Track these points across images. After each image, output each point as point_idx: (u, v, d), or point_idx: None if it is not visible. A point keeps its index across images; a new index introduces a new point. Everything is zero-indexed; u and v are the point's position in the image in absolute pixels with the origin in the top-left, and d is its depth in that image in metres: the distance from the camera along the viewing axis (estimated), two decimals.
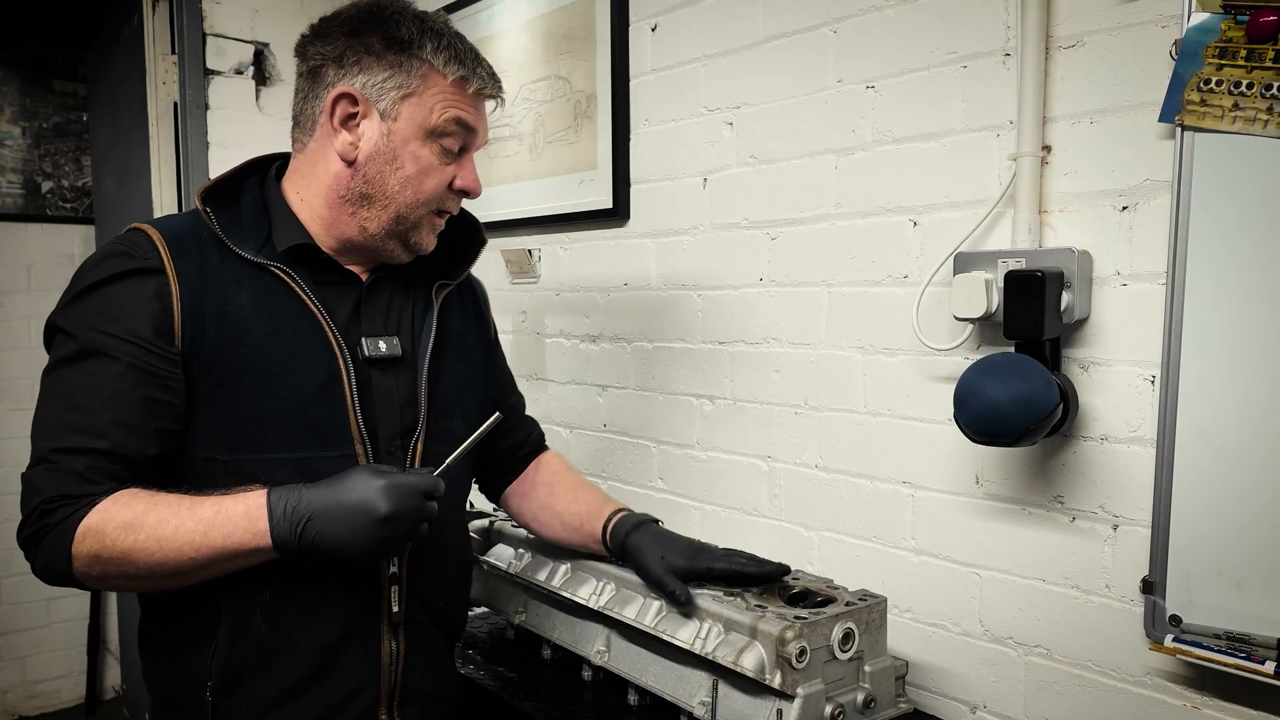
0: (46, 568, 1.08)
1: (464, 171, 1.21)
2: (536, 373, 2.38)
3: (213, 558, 1.05)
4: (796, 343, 1.74)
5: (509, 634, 1.69)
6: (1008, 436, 1.28)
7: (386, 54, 1.14)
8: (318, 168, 1.19)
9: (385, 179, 1.16)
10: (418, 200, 1.18)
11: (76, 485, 1.06)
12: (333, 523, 1.03)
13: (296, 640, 1.17)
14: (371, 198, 1.17)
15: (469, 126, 1.19)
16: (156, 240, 1.12)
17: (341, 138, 1.16)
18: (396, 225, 1.19)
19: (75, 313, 1.09)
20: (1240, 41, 1.14)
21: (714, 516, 1.93)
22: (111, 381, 1.07)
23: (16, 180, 3.73)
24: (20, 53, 3.71)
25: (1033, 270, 1.30)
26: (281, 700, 1.17)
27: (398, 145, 1.16)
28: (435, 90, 1.15)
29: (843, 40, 1.62)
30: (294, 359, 1.15)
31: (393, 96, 1.14)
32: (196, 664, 1.16)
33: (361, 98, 1.14)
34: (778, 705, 1.21)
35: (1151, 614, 1.26)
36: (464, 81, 1.17)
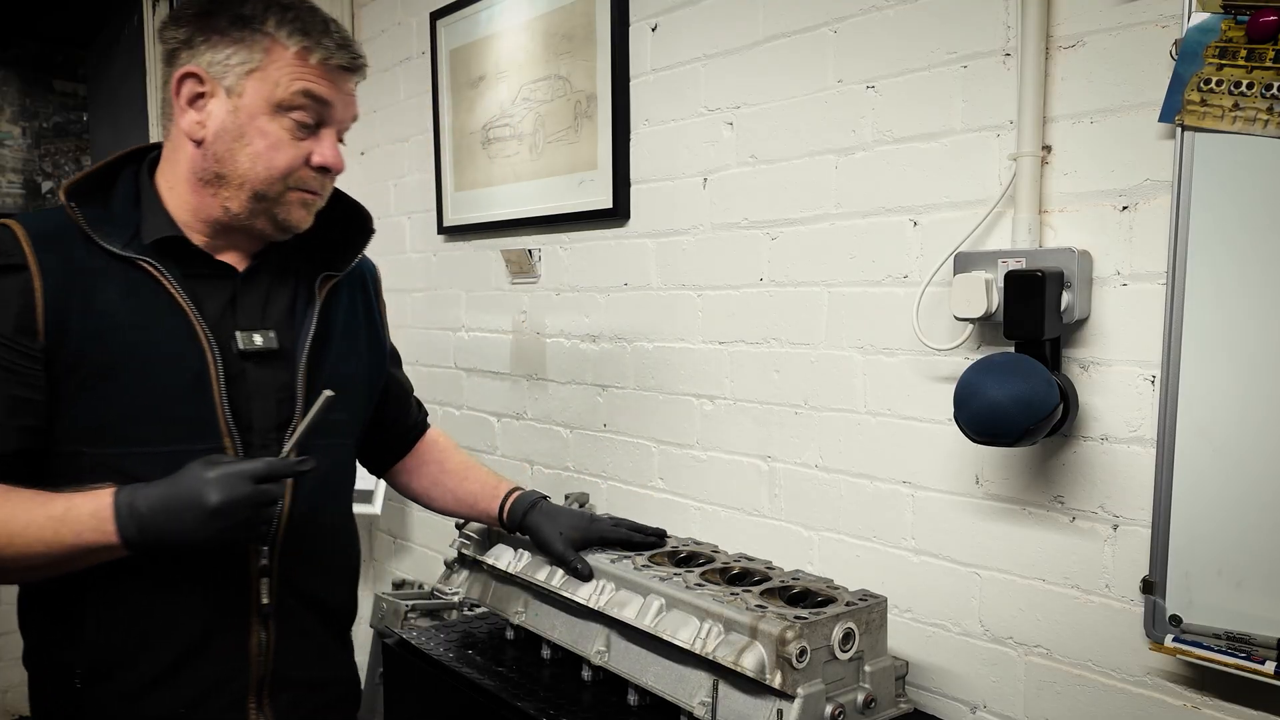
0: None
1: (322, 146, 1.18)
2: (536, 373, 2.38)
3: (65, 554, 1.06)
4: (796, 343, 1.74)
5: (509, 634, 1.69)
6: (1008, 436, 1.28)
7: (230, 31, 1.13)
8: (178, 153, 1.19)
9: (235, 156, 1.15)
10: (270, 176, 1.16)
11: None
12: (169, 519, 1.04)
13: (163, 631, 1.18)
14: (225, 177, 1.16)
15: (320, 99, 1.16)
16: (20, 236, 1.11)
17: (189, 117, 1.15)
18: (257, 203, 1.17)
19: None
20: (1240, 41, 1.14)
21: (714, 516, 1.93)
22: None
23: (16, 180, 3.73)
24: (20, 53, 3.72)
25: (1033, 270, 1.30)
26: (149, 689, 1.18)
27: (245, 121, 1.14)
28: (279, 64, 1.14)
29: (843, 40, 1.62)
30: (161, 353, 1.15)
31: (237, 73, 1.13)
32: (65, 653, 1.17)
33: (207, 76, 1.14)
34: (778, 705, 1.21)
35: (1151, 614, 1.26)
36: (307, 52, 1.14)
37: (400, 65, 2.84)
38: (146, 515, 1.05)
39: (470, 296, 2.61)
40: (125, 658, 1.17)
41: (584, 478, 2.24)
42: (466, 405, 2.67)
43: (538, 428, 2.39)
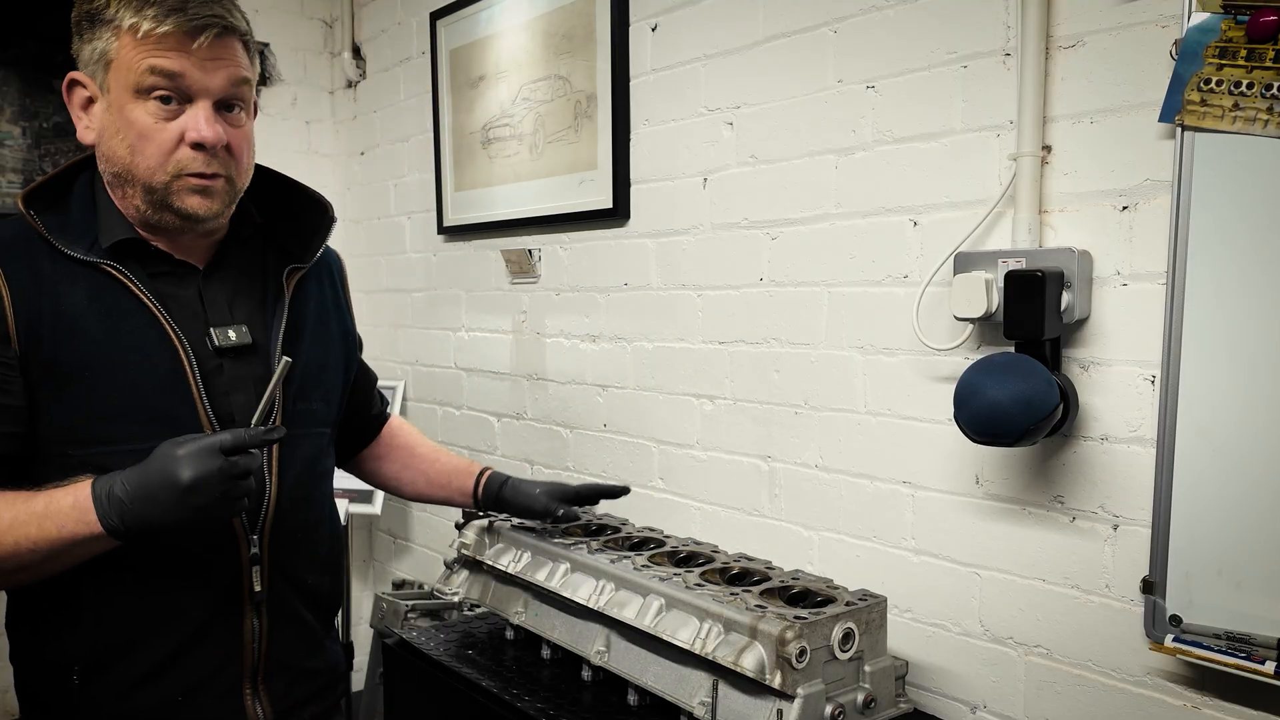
0: None
1: (191, 122, 1.13)
2: (536, 373, 2.38)
3: (53, 550, 1.06)
4: (796, 343, 1.74)
5: (509, 634, 1.69)
6: (1008, 436, 1.28)
7: (88, 29, 1.13)
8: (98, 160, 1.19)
9: (116, 152, 1.14)
10: (150, 165, 1.13)
11: None
12: (147, 502, 1.04)
13: (160, 622, 1.19)
14: (120, 175, 1.15)
15: (168, 73, 1.10)
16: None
17: (81, 123, 1.16)
18: (150, 196, 1.15)
19: None
20: (1240, 41, 1.14)
21: (714, 516, 1.93)
22: None
23: (16, 180, 3.73)
24: (20, 53, 3.71)
25: (1033, 270, 1.30)
26: (146, 680, 1.19)
27: (117, 115, 1.12)
28: (126, 47, 1.10)
29: (843, 40, 1.62)
30: (133, 353, 1.15)
31: (99, 68, 1.12)
32: (60, 648, 1.18)
33: (86, 80, 1.14)
34: (778, 705, 1.21)
35: (1151, 614, 1.26)
36: (139, 27, 1.09)
37: (400, 65, 2.84)
38: (124, 501, 1.04)
39: (470, 296, 2.61)
40: (123, 651, 1.18)
41: (584, 478, 2.24)
42: (466, 405, 2.67)
43: (538, 428, 2.39)
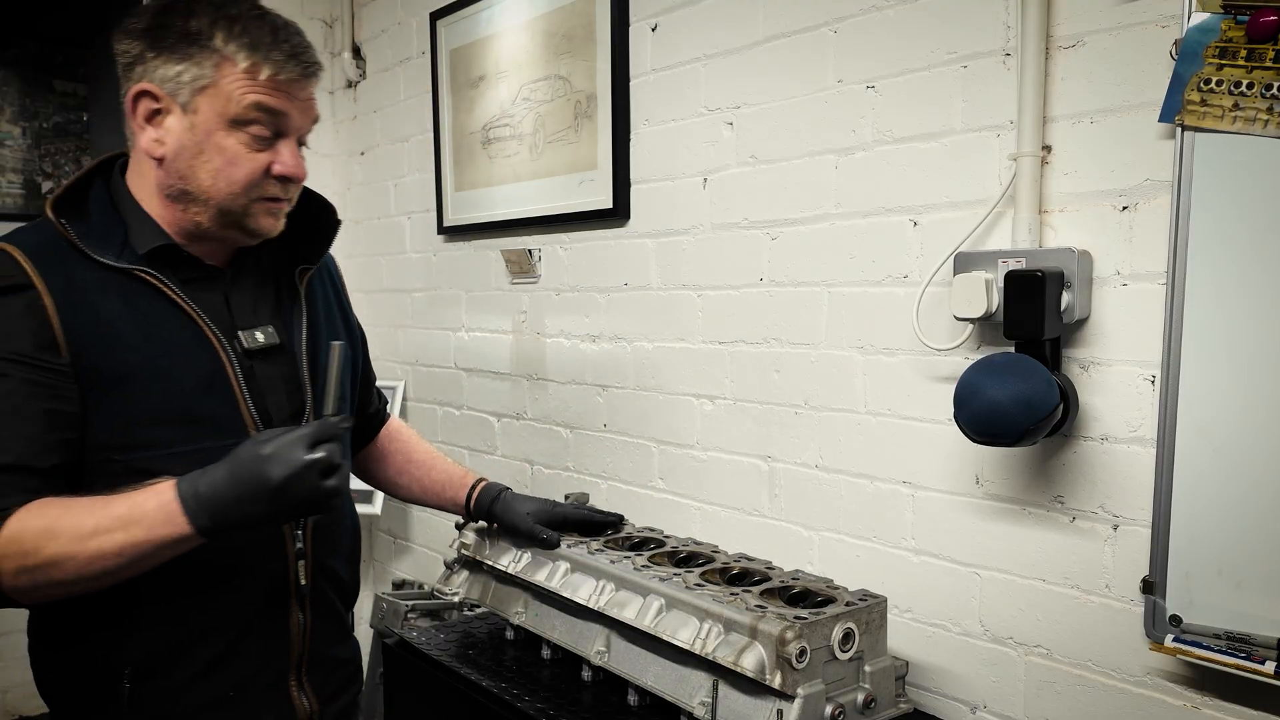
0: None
1: (281, 157, 1.17)
2: (536, 373, 2.38)
3: (139, 554, 1.05)
4: (796, 343, 1.74)
5: (509, 634, 1.69)
6: (1008, 436, 1.28)
7: (180, 47, 1.12)
8: (142, 166, 1.19)
9: (196, 173, 1.15)
10: (232, 191, 1.16)
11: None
12: (239, 503, 1.04)
13: (213, 619, 1.20)
14: (189, 193, 1.16)
15: (273, 111, 1.15)
16: (18, 258, 1.11)
17: (147, 135, 1.15)
18: (224, 217, 1.18)
19: None
20: (1240, 41, 1.14)
21: (714, 516, 1.93)
22: (5, 399, 1.07)
23: (16, 180, 3.73)
24: (20, 53, 3.72)
25: (1033, 270, 1.30)
26: (199, 678, 1.20)
27: (202, 138, 1.14)
28: (230, 79, 1.13)
29: (843, 40, 1.62)
30: (173, 357, 1.16)
31: (190, 90, 1.13)
32: (112, 652, 1.17)
33: (161, 94, 1.13)
34: (778, 705, 1.21)
35: (1151, 614, 1.26)
36: (256, 69, 1.13)
37: (400, 65, 2.84)
38: (215, 502, 1.04)
39: (470, 296, 2.61)
40: (178, 651, 1.19)
41: (584, 478, 2.24)
42: (466, 405, 2.67)
43: (538, 428, 2.39)
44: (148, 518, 1.05)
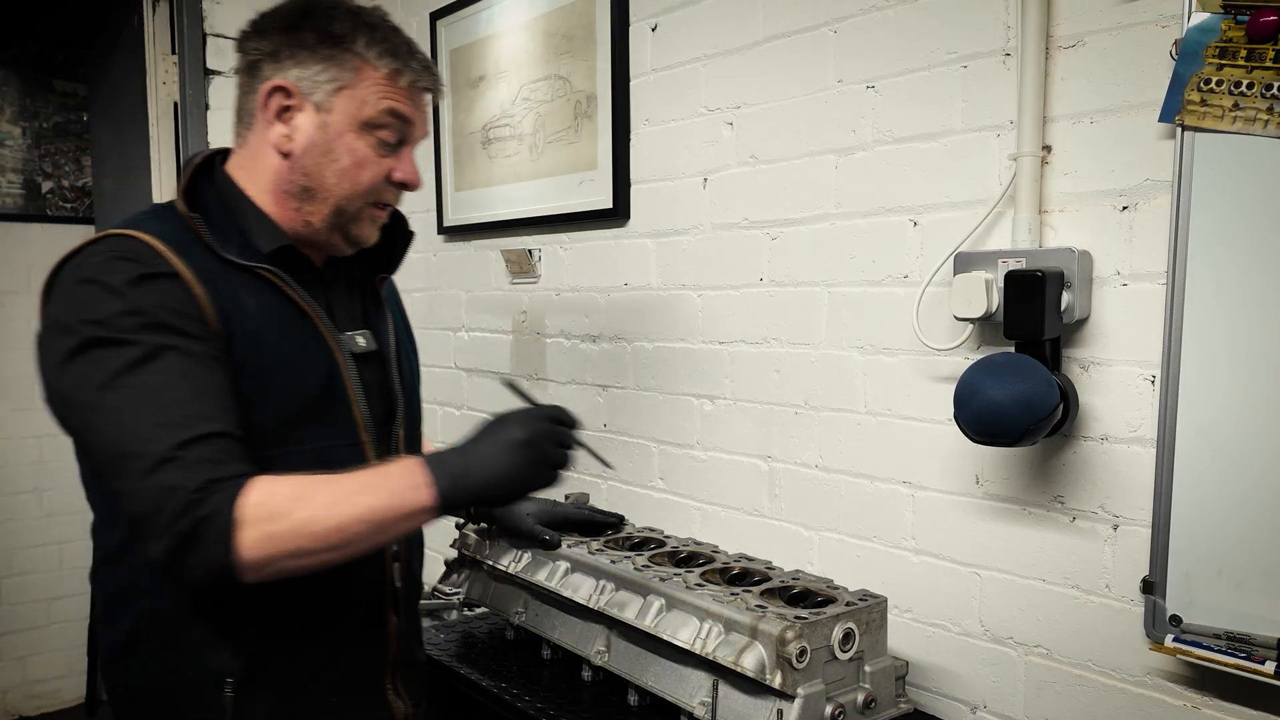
0: (206, 564, 1.00)
1: (402, 164, 1.21)
2: (536, 373, 2.38)
3: (383, 522, 1.06)
4: (796, 343, 1.74)
5: (509, 634, 1.69)
6: (1008, 436, 1.28)
7: (320, 48, 1.15)
8: (259, 163, 1.19)
9: (322, 171, 1.17)
10: (355, 192, 1.19)
11: (214, 470, 1.01)
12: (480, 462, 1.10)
13: (316, 624, 1.20)
14: (311, 190, 1.18)
15: (404, 118, 1.19)
16: (159, 247, 1.09)
17: (276, 130, 1.17)
18: (337, 218, 1.20)
19: (113, 320, 1.04)
20: (1240, 41, 1.14)
21: (714, 516, 1.93)
22: (186, 376, 1.05)
23: (17, 180, 3.73)
24: (20, 53, 3.71)
25: (1033, 270, 1.30)
26: (301, 686, 1.19)
27: (333, 137, 1.16)
28: (368, 83, 1.16)
29: (843, 40, 1.62)
30: (298, 357, 1.17)
31: (326, 89, 1.15)
32: (215, 660, 1.15)
33: (295, 90, 1.15)
34: (778, 705, 1.21)
35: (1151, 614, 1.26)
36: (397, 74, 1.17)
37: None
38: (457, 464, 1.09)
39: (470, 296, 2.61)
40: (281, 658, 1.18)
41: (584, 478, 2.24)
42: (466, 405, 2.67)
43: None
44: (395, 483, 1.07)
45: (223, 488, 1.00)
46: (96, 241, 1.11)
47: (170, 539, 0.98)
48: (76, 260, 1.10)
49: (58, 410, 1.09)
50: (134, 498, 1.00)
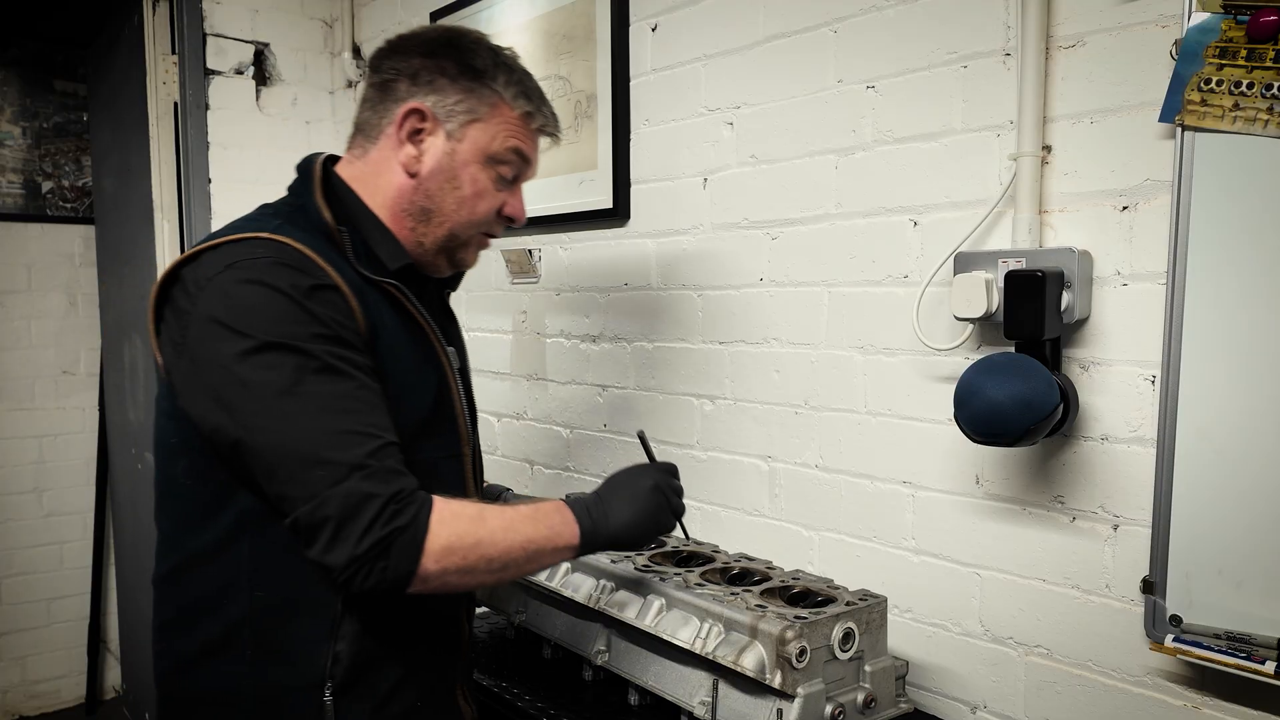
0: (390, 572, 1.04)
1: (514, 200, 1.28)
2: (536, 373, 2.38)
3: (537, 551, 1.15)
4: (797, 343, 1.74)
5: (509, 634, 1.69)
6: (1008, 436, 1.28)
7: (460, 79, 1.20)
8: (381, 179, 1.23)
9: (444, 196, 1.22)
10: (470, 220, 1.24)
11: (402, 480, 1.06)
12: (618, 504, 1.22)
13: (407, 630, 1.21)
14: (430, 213, 1.22)
15: (526, 158, 1.26)
16: (315, 258, 1.11)
17: (406, 150, 1.21)
18: (448, 242, 1.25)
19: (292, 328, 1.06)
20: (1241, 41, 1.14)
21: (714, 516, 1.93)
22: (361, 388, 1.08)
23: (17, 180, 3.73)
24: (20, 53, 3.71)
25: (1033, 270, 1.30)
26: (394, 691, 1.20)
27: (459, 166, 1.21)
28: (501, 120, 1.22)
29: (843, 40, 1.62)
30: (418, 370, 1.21)
31: (460, 119, 1.20)
32: (315, 665, 1.14)
33: (431, 115, 1.20)
34: (778, 705, 1.21)
35: (1152, 614, 1.26)
36: (529, 117, 1.24)
37: None
38: (597, 508, 1.20)
39: (470, 296, 2.61)
40: (379, 661, 1.18)
41: (584, 478, 2.24)
42: None
43: (538, 428, 2.39)
44: (549, 519, 1.17)
45: (414, 499, 1.06)
46: (240, 243, 1.10)
47: (361, 545, 1.01)
48: (226, 259, 1.08)
49: (205, 406, 1.08)
50: (321, 503, 1.02)
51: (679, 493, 1.31)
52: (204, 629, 1.16)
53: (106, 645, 3.88)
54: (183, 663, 1.19)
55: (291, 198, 1.24)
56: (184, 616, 1.18)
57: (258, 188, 2.92)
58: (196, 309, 1.08)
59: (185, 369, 1.10)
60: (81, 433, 3.87)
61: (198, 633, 1.17)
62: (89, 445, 3.87)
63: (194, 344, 1.08)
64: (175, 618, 1.19)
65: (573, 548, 1.18)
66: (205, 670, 1.17)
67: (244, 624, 1.14)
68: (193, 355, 1.08)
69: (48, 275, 3.79)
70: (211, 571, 1.15)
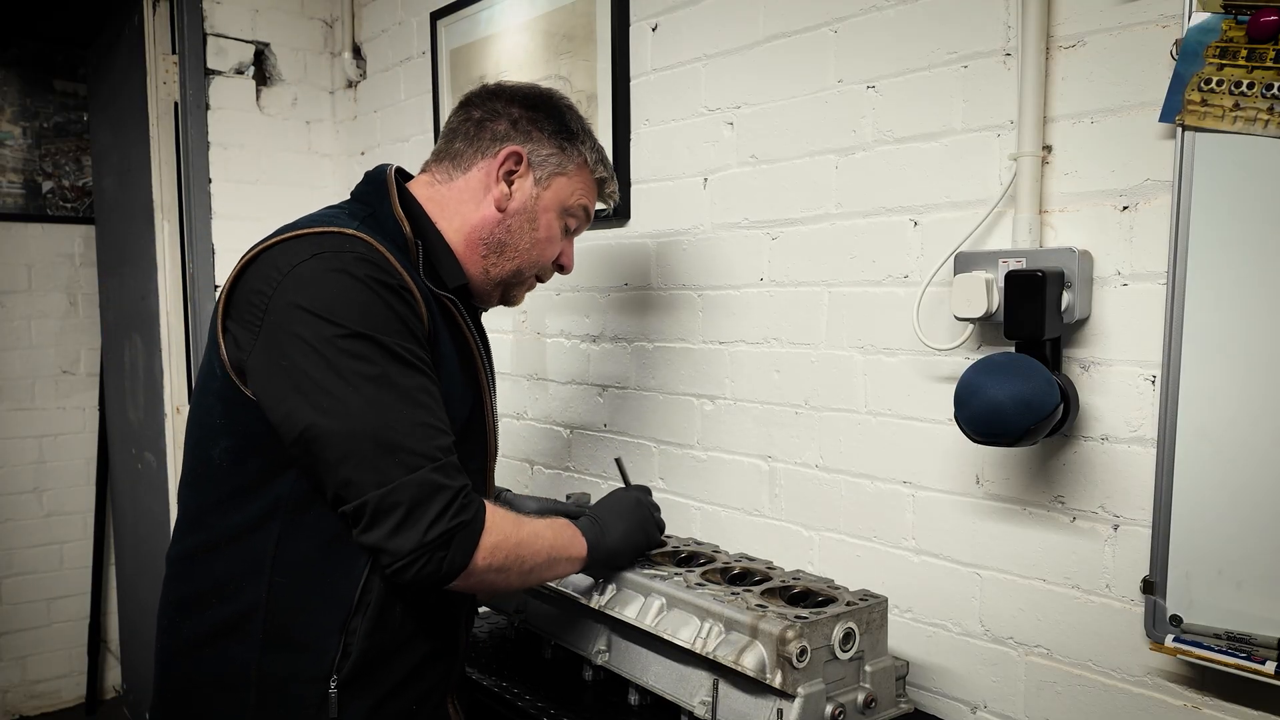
0: (446, 563, 1.10)
1: (568, 250, 1.43)
2: (536, 373, 2.38)
3: (555, 561, 1.27)
4: (797, 343, 1.74)
5: (509, 634, 1.69)
6: (1008, 436, 1.28)
7: (556, 136, 1.34)
8: (465, 206, 1.32)
9: (522, 234, 1.34)
10: (536, 260, 1.37)
11: (465, 477, 1.14)
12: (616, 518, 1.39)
13: (414, 631, 1.23)
14: (505, 246, 1.33)
15: (589, 216, 1.43)
16: (395, 263, 1.16)
17: (500, 188, 1.32)
18: (513, 278, 1.36)
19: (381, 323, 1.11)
20: (1241, 41, 1.14)
21: (714, 516, 1.93)
22: (429, 385, 1.15)
23: (17, 180, 3.73)
24: (20, 53, 3.71)
25: (1033, 270, 1.30)
26: (395, 690, 1.21)
27: (539, 210, 1.34)
28: (581, 179, 1.37)
29: (843, 40, 1.62)
30: (462, 383, 1.26)
31: (549, 169, 1.34)
32: (324, 657, 1.16)
33: (527, 160, 1.32)
34: (778, 705, 1.21)
35: (1152, 614, 1.26)
36: (603, 183, 1.42)
37: (401, 65, 2.84)
38: (596, 527, 1.36)
39: None
40: (383, 659, 1.20)
41: (584, 478, 2.24)
42: None
43: (538, 428, 2.39)
44: (565, 531, 1.30)
45: (474, 497, 1.13)
46: (326, 235, 1.15)
47: (430, 534, 1.08)
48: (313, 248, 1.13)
49: (280, 389, 1.11)
50: (395, 489, 1.07)
51: (658, 509, 1.49)
52: (218, 611, 1.18)
53: (106, 645, 3.88)
54: (190, 644, 1.20)
55: (360, 205, 1.28)
56: (200, 596, 1.20)
57: (258, 187, 2.92)
58: (278, 293, 1.10)
59: (260, 351, 1.12)
60: (81, 433, 3.87)
61: (211, 614, 1.18)
62: (89, 445, 3.88)
63: (273, 327, 1.10)
64: (190, 596, 1.21)
65: (581, 559, 1.32)
66: (212, 653, 1.18)
67: (259, 609, 1.16)
68: (271, 338, 1.11)
69: (48, 275, 3.80)
70: (235, 554, 1.17)
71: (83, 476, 3.87)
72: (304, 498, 1.14)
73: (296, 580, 1.16)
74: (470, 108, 1.36)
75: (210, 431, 1.19)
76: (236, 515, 1.17)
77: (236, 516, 1.17)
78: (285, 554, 1.15)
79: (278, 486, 1.14)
